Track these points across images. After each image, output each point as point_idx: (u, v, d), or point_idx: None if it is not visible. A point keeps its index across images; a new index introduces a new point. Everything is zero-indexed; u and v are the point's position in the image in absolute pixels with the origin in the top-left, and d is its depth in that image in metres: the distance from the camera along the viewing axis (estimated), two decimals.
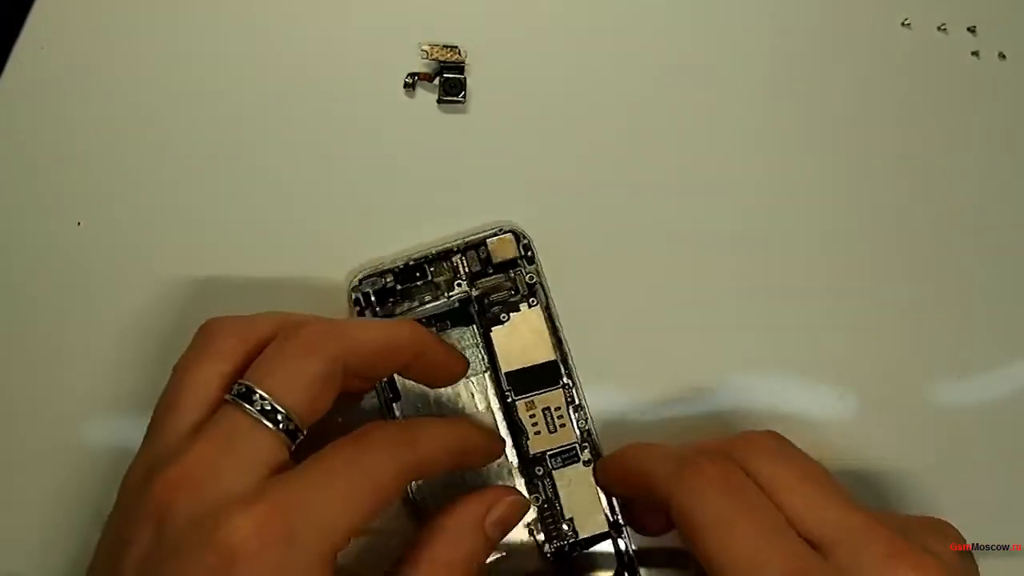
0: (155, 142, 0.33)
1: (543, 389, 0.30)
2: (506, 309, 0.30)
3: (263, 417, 0.23)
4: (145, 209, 0.32)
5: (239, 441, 0.23)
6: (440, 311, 0.30)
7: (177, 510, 0.22)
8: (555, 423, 0.30)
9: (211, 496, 0.22)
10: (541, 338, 0.30)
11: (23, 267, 0.32)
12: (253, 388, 0.23)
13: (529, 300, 0.30)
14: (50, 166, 0.33)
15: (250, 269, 0.32)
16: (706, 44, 0.35)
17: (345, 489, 0.23)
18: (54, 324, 0.31)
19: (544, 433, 0.29)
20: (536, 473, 0.29)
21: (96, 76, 0.33)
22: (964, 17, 0.35)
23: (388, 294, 0.31)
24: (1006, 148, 0.35)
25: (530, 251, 0.31)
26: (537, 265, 0.31)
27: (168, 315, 0.32)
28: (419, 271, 0.31)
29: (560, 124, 0.34)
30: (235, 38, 0.34)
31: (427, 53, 0.33)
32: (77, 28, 0.34)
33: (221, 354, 0.25)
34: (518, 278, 0.30)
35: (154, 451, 0.24)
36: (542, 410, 0.30)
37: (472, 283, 0.31)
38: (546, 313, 0.30)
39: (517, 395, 0.30)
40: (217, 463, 0.23)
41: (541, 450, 0.29)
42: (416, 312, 0.30)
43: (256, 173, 0.33)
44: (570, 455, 0.29)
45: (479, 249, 0.31)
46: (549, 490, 0.29)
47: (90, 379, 0.31)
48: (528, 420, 0.30)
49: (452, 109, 0.33)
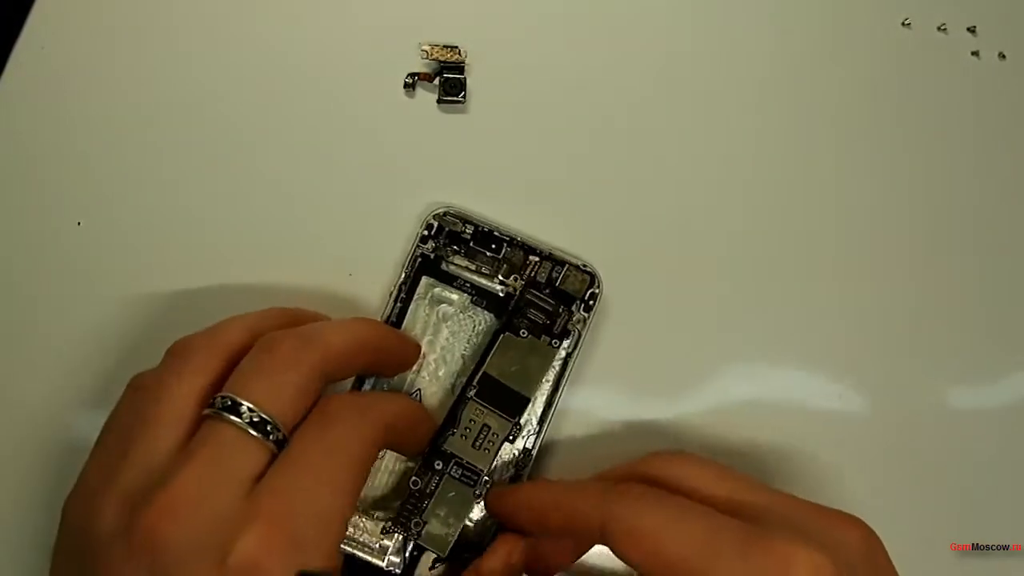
0: (155, 142, 0.33)
1: (499, 411, 0.29)
2: (531, 330, 0.30)
3: (252, 428, 0.23)
4: (145, 209, 0.32)
5: (227, 456, 0.23)
6: (481, 287, 0.31)
7: (172, 538, 0.21)
8: (484, 443, 0.29)
9: (205, 518, 0.21)
10: (537, 373, 0.30)
11: (23, 267, 0.32)
12: (239, 400, 0.23)
13: (553, 341, 0.30)
14: (50, 166, 0.33)
15: (250, 269, 0.32)
16: (706, 44, 0.35)
17: (328, 475, 0.23)
18: (54, 324, 0.31)
19: (468, 442, 0.29)
20: (434, 466, 0.29)
21: (96, 76, 0.33)
22: (964, 17, 0.35)
23: (456, 240, 0.31)
24: (1006, 148, 0.35)
25: (592, 303, 0.30)
26: (589, 318, 0.30)
27: (168, 315, 0.32)
28: (496, 244, 0.31)
29: (560, 124, 0.34)
30: (235, 38, 0.34)
31: (427, 53, 0.33)
32: (77, 28, 0.34)
33: (195, 370, 0.24)
34: (562, 316, 0.30)
35: (127, 477, 0.22)
36: (483, 424, 0.29)
37: (527, 288, 0.30)
38: (560, 362, 0.30)
39: (476, 396, 0.29)
40: (206, 483, 0.22)
41: (454, 452, 0.29)
42: (463, 274, 0.30)
43: (256, 173, 0.33)
44: (472, 477, 0.29)
45: (556, 267, 0.30)
46: (431, 486, 0.29)
47: (90, 379, 0.31)
48: (466, 421, 0.29)
49: (452, 109, 0.33)
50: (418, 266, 0.31)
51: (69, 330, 0.31)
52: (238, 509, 0.22)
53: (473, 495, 0.29)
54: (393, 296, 0.30)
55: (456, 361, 0.30)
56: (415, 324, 0.30)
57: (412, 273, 0.31)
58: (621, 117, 0.34)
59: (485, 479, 0.29)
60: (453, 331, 0.30)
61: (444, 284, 0.31)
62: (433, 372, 0.30)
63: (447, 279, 0.31)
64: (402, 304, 0.30)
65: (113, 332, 0.31)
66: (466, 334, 0.30)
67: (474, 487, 0.29)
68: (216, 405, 0.23)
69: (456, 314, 0.31)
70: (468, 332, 0.30)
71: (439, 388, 0.30)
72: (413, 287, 0.31)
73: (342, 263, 0.32)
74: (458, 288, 0.31)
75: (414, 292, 0.31)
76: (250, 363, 0.24)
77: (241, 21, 0.34)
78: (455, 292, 0.31)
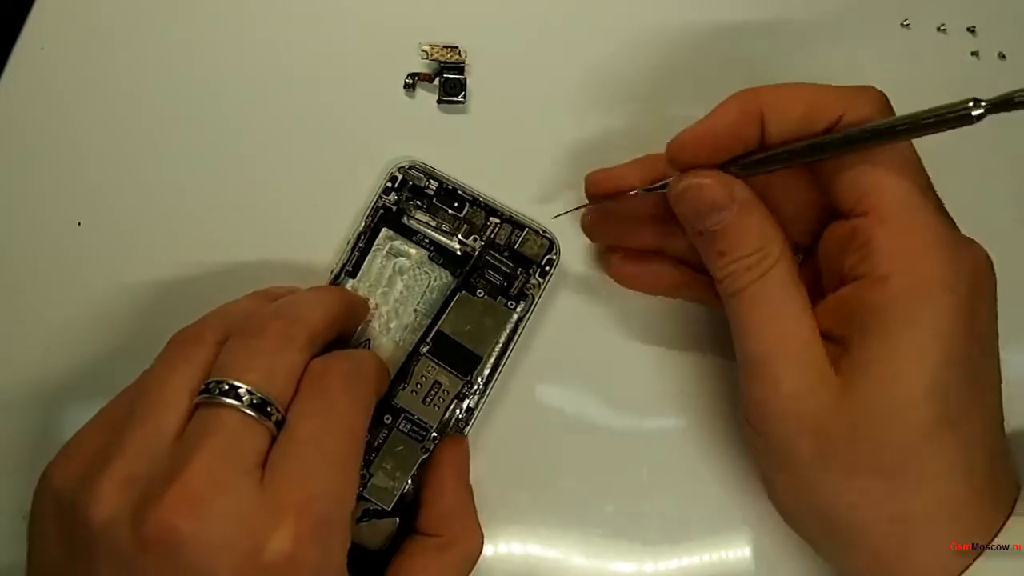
0: (155, 142, 0.33)
1: (451, 369, 0.30)
2: (487, 291, 0.30)
3: (252, 411, 0.23)
4: (145, 209, 0.32)
5: (235, 443, 0.22)
6: (440, 244, 0.31)
7: (193, 534, 0.21)
8: (434, 399, 0.29)
9: (226, 513, 0.21)
10: (490, 334, 0.30)
11: (23, 267, 0.32)
12: (236, 383, 0.23)
13: (509, 303, 0.30)
14: (50, 166, 0.33)
15: (250, 270, 0.32)
16: (706, 44, 0.35)
17: (335, 454, 0.23)
18: (54, 324, 0.31)
19: (418, 398, 0.29)
20: (384, 420, 0.29)
21: (96, 76, 0.33)
22: (964, 17, 0.35)
23: (419, 195, 0.31)
24: (1006, 148, 0.35)
25: (548, 268, 0.30)
26: (543, 284, 0.30)
27: (168, 314, 0.31)
28: (458, 202, 0.31)
29: (560, 124, 0.34)
30: (235, 38, 0.34)
31: (427, 53, 0.33)
32: (77, 28, 0.34)
33: (188, 357, 0.24)
34: (519, 279, 0.30)
35: (126, 462, 0.22)
36: (434, 381, 0.29)
37: (485, 248, 0.31)
38: (513, 324, 0.30)
39: (429, 353, 0.30)
40: (219, 474, 0.22)
41: (404, 406, 0.29)
42: (423, 229, 0.31)
43: (256, 173, 0.33)
44: (421, 432, 0.29)
45: (516, 230, 0.31)
46: (379, 440, 0.29)
47: (90, 379, 0.31)
48: (417, 376, 0.29)
49: (452, 109, 0.33)
50: (379, 217, 0.31)
51: (69, 330, 0.31)
52: (258, 500, 0.22)
53: (421, 450, 0.29)
54: (351, 244, 0.31)
55: (408, 315, 0.30)
56: (371, 274, 0.31)
57: (372, 223, 0.31)
58: (621, 117, 0.34)
59: (433, 435, 0.29)
60: (408, 285, 0.31)
61: (403, 237, 0.31)
62: (384, 324, 0.30)
63: (407, 233, 0.31)
64: (359, 254, 0.31)
65: (113, 332, 0.31)
66: (421, 289, 0.31)
67: (422, 442, 0.29)
68: (212, 391, 0.23)
69: (412, 268, 0.31)
70: (423, 287, 0.31)
71: (388, 340, 0.30)
72: (372, 237, 0.31)
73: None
74: (417, 243, 0.31)
75: (372, 243, 0.31)
76: (241, 347, 0.24)
77: (241, 22, 0.34)
78: (413, 247, 0.31)
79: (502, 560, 0.31)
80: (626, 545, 0.31)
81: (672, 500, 0.31)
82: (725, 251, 0.25)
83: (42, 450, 0.30)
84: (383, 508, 0.28)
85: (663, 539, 0.31)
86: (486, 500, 0.30)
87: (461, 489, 0.28)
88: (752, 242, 0.25)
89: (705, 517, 0.31)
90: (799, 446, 0.24)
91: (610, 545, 0.31)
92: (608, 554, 0.31)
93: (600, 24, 0.35)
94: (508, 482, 0.31)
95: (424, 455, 0.29)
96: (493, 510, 0.31)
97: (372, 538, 0.28)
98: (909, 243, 0.23)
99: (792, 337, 0.25)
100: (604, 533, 0.31)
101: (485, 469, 0.31)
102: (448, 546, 0.27)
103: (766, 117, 0.25)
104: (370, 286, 0.31)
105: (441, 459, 0.29)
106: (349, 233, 0.31)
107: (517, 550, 0.31)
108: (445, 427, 0.29)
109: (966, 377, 0.23)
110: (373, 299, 0.30)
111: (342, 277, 0.31)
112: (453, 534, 0.27)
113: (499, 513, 0.31)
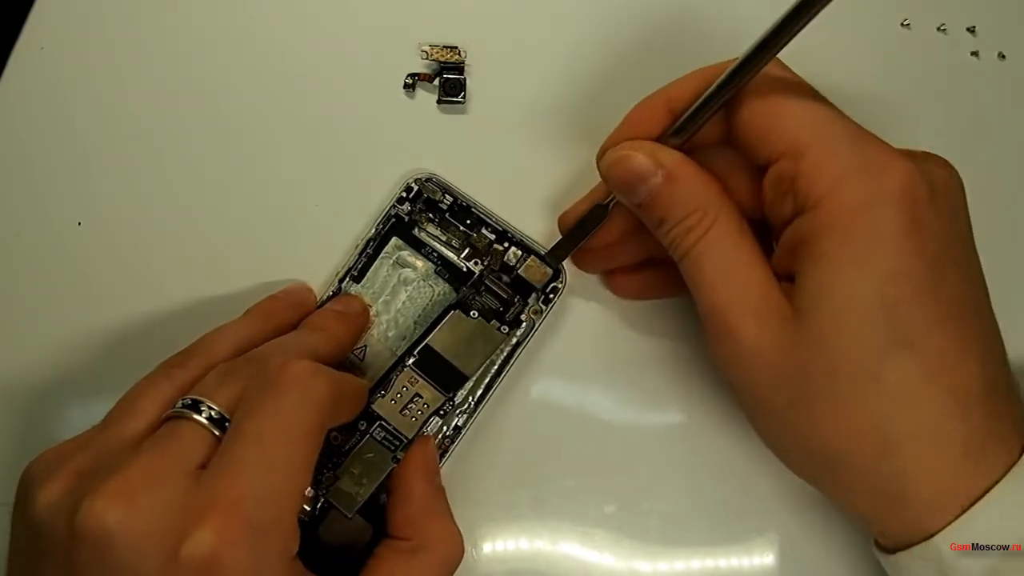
0: (155, 142, 0.33)
1: (434, 384, 0.29)
2: (482, 313, 0.30)
3: (212, 425, 0.23)
4: (145, 209, 0.32)
5: (181, 447, 0.23)
6: (447, 260, 0.31)
7: (118, 524, 0.21)
8: (412, 412, 0.29)
9: (153, 506, 0.21)
10: (479, 355, 0.30)
11: (23, 267, 0.32)
12: (202, 400, 0.23)
13: (503, 327, 0.30)
14: (50, 166, 0.33)
15: (250, 269, 0.32)
16: (706, 44, 0.35)
17: (275, 451, 0.22)
18: (54, 324, 0.31)
19: (396, 407, 0.29)
20: (358, 425, 0.29)
21: (96, 76, 0.33)
22: (964, 17, 0.35)
23: (433, 208, 0.31)
24: (1006, 148, 0.35)
25: (553, 296, 0.30)
26: (543, 313, 0.30)
27: (168, 314, 0.32)
28: (470, 220, 0.31)
29: (560, 124, 0.34)
30: (235, 39, 0.34)
31: (427, 53, 0.33)
32: (77, 28, 0.34)
33: (170, 377, 0.25)
34: (516, 305, 0.30)
35: (80, 458, 0.23)
36: (415, 393, 0.29)
37: (487, 270, 0.30)
38: (506, 350, 0.30)
39: (414, 365, 0.30)
40: (154, 470, 0.22)
41: (380, 414, 0.29)
42: (432, 243, 0.31)
43: (256, 173, 0.33)
44: (394, 442, 0.29)
45: (524, 255, 0.30)
46: (350, 444, 0.29)
47: (90, 379, 0.31)
48: (398, 387, 0.29)
49: (452, 109, 0.33)
50: (390, 226, 0.31)
51: (69, 330, 0.31)
52: (189, 496, 0.21)
53: (392, 460, 0.29)
54: (359, 249, 0.31)
55: (408, 326, 0.30)
56: (376, 281, 0.31)
57: (383, 231, 0.31)
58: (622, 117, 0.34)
59: (407, 446, 0.29)
60: (411, 296, 0.31)
61: (412, 249, 0.31)
62: (383, 332, 0.30)
63: (416, 244, 0.31)
64: (367, 260, 0.31)
65: (113, 331, 0.31)
66: (423, 302, 0.31)
67: (394, 452, 0.29)
68: (179, 406, 0.24)
69: (417, 280, 0.31)
70: (425, 300, 0.31)
71: (384, 348, 0.30)
72: (381, 245, 0.31)
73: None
74: (425, 256, 0.31)
75: (381, 250, 0.31)
76: (218, 374, 0.25)
77: (241, 22, 0.34)
78: (420, 259, 0.31)
79: (502, 560, 0.31)
80: (626, 545, 0.31)
81: (672, 500, 0.31)
82: (665, 217, 0.25)
83: (40, 449, 0.31)
84: (345, 514, 0.28)
85: (663, 539, 0.31)
86: (486, 499, 0.30)
87: (430, 490, 0.27)
88: (687, 204, 0.25)
89: (705, 517, 0.31)
90: (769, 394, 0.24)
91: (610, 545, 0.31)
92: (608, 554, 0.31)
93: (600, 24, 0.35)
94: (508, 481, 0.31)
95: (395, 464, 0.29)
96: (493, 510, 0.31)
97: (345, 542, 0.28)
98: (828, 168, 0.23)
99: (745, 289, 0.24)
100: (604, 533, 0.31)
101: (485, 468, 0.31)
102: (419, 550, 0.26)
103: (671, 104, 0.26)
104: (373, 293, 0.31)
105: (408, 460, 0.28)
106: (358, 237, 0.31)
107: (517, 550, 0.31)
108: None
109: (919, 296, 0.23)
110: (375, 306, 0.30)
111: (347, 281, 0.31)
112: (425, 537, 0.26)
113: (499, 512, 0.31)
